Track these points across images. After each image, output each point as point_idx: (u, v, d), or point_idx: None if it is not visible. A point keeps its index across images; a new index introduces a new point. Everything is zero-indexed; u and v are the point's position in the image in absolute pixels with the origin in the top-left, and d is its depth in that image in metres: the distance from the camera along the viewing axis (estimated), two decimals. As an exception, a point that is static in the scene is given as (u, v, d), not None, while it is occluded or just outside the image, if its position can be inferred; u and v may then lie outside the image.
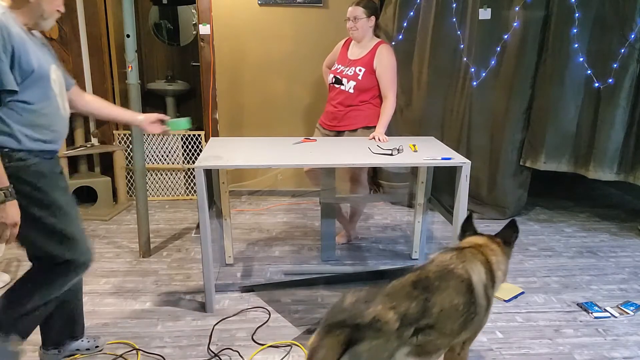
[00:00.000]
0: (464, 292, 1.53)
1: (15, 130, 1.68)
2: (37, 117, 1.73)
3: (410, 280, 1.51)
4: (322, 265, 3.06)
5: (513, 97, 3.61)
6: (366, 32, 2.97)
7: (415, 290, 1.46)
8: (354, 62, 3.00)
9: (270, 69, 4.08)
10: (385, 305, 1.37)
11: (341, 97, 3.01)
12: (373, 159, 2.51)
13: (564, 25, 3.36)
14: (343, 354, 1.26)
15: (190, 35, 5.31)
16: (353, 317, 1.32)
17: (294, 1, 3.92)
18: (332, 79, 3.06)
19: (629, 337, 2.35)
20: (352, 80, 2.96)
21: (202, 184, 2.32)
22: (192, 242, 3.40)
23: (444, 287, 1.50)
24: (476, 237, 1.80)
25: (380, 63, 2.93)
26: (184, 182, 4.32)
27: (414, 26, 3.76)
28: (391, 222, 3.84)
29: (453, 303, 1.50)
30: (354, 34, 2.97)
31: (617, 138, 3.40)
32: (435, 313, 1.45)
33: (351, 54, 3.05)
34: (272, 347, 2.23)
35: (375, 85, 2.97)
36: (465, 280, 1.55)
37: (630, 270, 3.03)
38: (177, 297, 2.66)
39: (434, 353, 1.51)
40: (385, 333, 1.32)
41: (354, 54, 3.03)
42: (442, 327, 1.47)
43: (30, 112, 1.71)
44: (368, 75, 2.94)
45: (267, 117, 4.17)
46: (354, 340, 1.28)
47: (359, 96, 2.97)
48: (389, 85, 2.95)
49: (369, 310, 1.34)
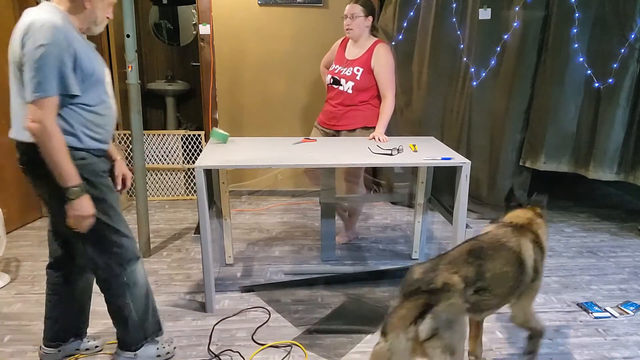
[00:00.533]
0: (513, 263, 1.79)
1: (77, 130, 1.76)
2: (95, 118, 1.80)
3: (466, 249, 1.76)
4: (322, 265, 3.06)
5: (513, 97, 3.61)
6: (363, 31, 2.96)
7: (471, 257, 1.72)
8: (351, 62, 2.99)
9: (270, 68, 4.08)
10: (449, 271, 1.64)
11: (341, 98, 3.01)
12: (373, 159, 2.51)
13: (564, 25, 3.36)
14: (421, 315, 1.51)
15: (190, 35, 5.31)
16: (427, 284, 1.58)
17: (294, 1, 3.92)
18: (330, 80, 3.05)
19: (629, 337, 2.35)
20: (350, 80, 2.95)
21: (202, 184, 2.32)
22: (192, 242, 3.40)
23: (497, 257, 1.77)
24: (523, 212, 2.00)
25: (378, 63, 2.92)
26: (184, 182, 4.32)
27: (414, 26, 3.76)
28: (391, 222, 3.84)
29: (503, 270, 1.76)
30: (350, 32, 2.96)
31: (617, 138, 3.40)
32: (488, 277, 1.72)
33: (348, 54, 3.03)
34: (272, 347, 2.23)
35: (373, 85, 2.97)
36: (516, 253, 1.81)
37: (630, 270, 3.03)
38: (177, 297, 2.66)
39: (485, 310, 1.82)
40: (455, 293, 1.59)
41: (352, 54, 3.02)
42: (493, 289, 1.74)
43: (90, 113, 1.78)
44: (366, 75, 2.94)
45: (267, 117, 4.17)
46: (431, 303, 1.53)
47: (357, 96, 2.97)
48: (388, 84, 2.95)
49: (438, 277, 1.60)
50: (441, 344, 1.52)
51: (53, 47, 1.61)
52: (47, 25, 1.61)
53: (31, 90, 1.62)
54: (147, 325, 2.03)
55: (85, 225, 1.78)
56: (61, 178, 1.70)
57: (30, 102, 1.63)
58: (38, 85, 1.62)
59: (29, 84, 1.63)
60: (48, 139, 1.66)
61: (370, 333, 2.34)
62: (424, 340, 1.51)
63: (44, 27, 1.61)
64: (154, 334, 2.07)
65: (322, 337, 2.31)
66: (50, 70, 1.62)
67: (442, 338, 1.52)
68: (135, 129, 2.97)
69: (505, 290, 1.80)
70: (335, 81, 3.02)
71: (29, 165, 1.79)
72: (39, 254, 3.15)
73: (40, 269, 2.94)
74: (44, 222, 3.71)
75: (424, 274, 1.63)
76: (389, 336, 1.52)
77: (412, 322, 1.51)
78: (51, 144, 1.67)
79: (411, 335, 1.51)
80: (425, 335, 1.51)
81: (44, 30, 1.60)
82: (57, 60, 1.63)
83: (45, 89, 1.62)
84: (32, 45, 1.60)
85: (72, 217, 1.75)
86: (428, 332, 1.51)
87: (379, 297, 2.68)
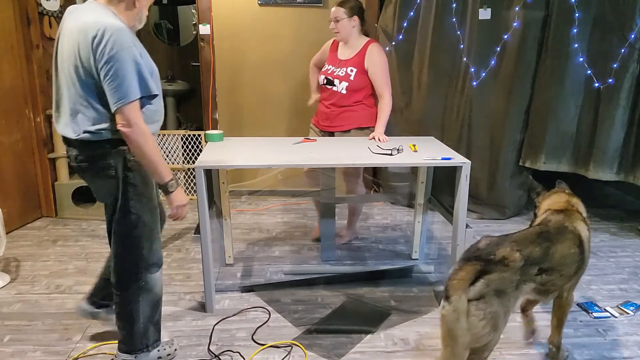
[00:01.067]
0: (576, 245, 1.93)
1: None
2: (153, 115, 1.85)
3: (534, 232, 1.91)
4: (322, 265, 3.06)
5: (513, 97, 3.61)
6: (350, 32, 2.95)
7: (539, 239, 1.85)
8: (344, 63, 2.98)
9: (270, 69, 4.08)
10: (512, 248, 1.74)
11: (334, 98, 3.00)
12: (373, 159, 2.51)
13: (564, 25, 3.36)
14: (477, 279, 1.64)
15: (190, 35, 5.32)
16: (487, 254, 1.71)
17: (293, 1, 3.92)
18: (324, 80, 3.03)
19: (629, 337, 2.35)
20: (344, 80, 2.95)
21: (202, 184, 2.32)
22: (192, 242, 3.40)
23: (563, 239, 1.90)
24: (557, 196, 2.15)
25: (372, 62, 2.92)
26: (184, 182, 4.31)
27: (414, 26, 3.76)
28: (391, 222, 3.84)
29: (570, 252, 1.91)
30: (337, 35, 2.97)
31: (617, 138, 3.40)
32: (557, 258, 1.85)
33: (341, 54, 3.02)
34: (273, 347, 2.23)
35: (367, 85, 2.97)
36: (577, 235, 1.95)
37: (630, 270, 3.03)
38: (177, 297, 2.66)
39: (551, 292, 1.94)
40: (512, 269, 1.70)
41: (344, 54, 3.01)
42: (561, 269, 1.88)
43: (151, 110, 1.83)
44: (360, 75, 2.93)
45: (267, 117, 4.17)
46: (486, 271, 1.66)
47: (352, 97, 2.96)
48: (383, 84, 2.95)
49: (500, 250, 1.72)
50: (485, 308, 1.64)
51: (129, 51, 1.66)
52: (118, 30, 1.66)
53: (119, 97, 1.67)
54: (149, 334, 2.03)
55: (184, 213, 1.92)
56: (160, 175, 1.81)
57: (120, 107, 1.68)
58: (126, 90, 1.67)
59: (115, 91, 1.67)
60: (144, 140, 1.72)
61: (370, 333, 2.34)
62: (471, 300, 1.63)
63: (117, 32, 1.65)
64: (154, 343, 2.07)
65: (322, 337, 2.31)
66: (131, 74, 1.68)
67: (488, 304, 1.65)
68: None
69: (572, 271, 1.94)
70: (329, 81, 3.00)
71: (89, 163, 1.83)
72: (39, 254, 3.16)
73: (40, 269, 2.96)
74: (44, 222, 3.71)
75: (488, 245, 1.76)
76: (452, 298, 1.63)
77: (471, 284, 1.64)
78: (147, 145, 1.74)
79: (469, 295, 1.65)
80: (473, 295, 1.63)
81: (118, 36, 1.65)
82: (134, 64, 1.68)
83: (132, 93, 1.68)
84: (110, 52, 1.63)
85: (174, 208, 1.90)
86: (477, 293, 1.63)
87: (379, 297, 2.68)
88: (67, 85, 1.76)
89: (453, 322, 1.63)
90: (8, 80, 3.40)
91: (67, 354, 2.17)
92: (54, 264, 3.03)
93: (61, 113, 1.82)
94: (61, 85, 1.79)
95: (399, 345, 2.26)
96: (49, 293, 2.69)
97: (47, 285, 2.77)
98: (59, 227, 3.62)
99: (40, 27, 3.55)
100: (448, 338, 1.67)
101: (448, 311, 1.63)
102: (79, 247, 3.27)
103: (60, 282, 2.80)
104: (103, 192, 1.90)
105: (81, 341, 2.26)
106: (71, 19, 1.74)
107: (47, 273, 2.91)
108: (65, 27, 1.75)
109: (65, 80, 1.76)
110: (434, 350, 2.22)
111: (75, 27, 1.70)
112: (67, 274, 2.91)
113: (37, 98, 3.59)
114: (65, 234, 3.50)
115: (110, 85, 1.67)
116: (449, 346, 1.68)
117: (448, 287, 1.65)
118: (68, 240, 3.39)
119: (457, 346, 1.66)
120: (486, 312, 1.64)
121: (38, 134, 3.66)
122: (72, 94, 1.76)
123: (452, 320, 1.63)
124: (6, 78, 3.39)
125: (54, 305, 2.56)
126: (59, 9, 3.68)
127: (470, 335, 1.65)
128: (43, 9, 3.55)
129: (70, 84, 1.75)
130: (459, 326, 1.63)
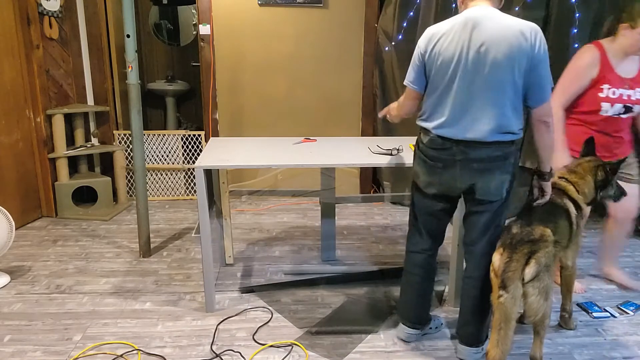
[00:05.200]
0: (566, 219, 2.11)
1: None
2: None
3: (545, 209, 2.05)
4: (322, 265, 3.06)
5: (513, 97, 3.61)
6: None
7: (550, 216, 2.04)
8: (632, 81, 2.46)
9: (270, 69, 4.08)
10: (542, 225, 1.95)
11: (624, 125, 2.54)
12: (373, 159, 2.51)
13: (564, 25, 3.36)
14: (527, 262, 1.85)
15: (190, 35, 5.32)
16: (528, 236, 1.90)
17: (294, 1, 3.92)
18: (622, 109, 2.46)
19: (629, 337, 2.35)
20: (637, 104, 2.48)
21: (202, 184, 2.32)
22: (192, 242, 3.40)
23: (560, 215, 2.09)
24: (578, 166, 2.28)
25: None
26: (184, 182, 4.32)
27: (413, 26, 3.76)
28: (391, 222, 3.84)
29: (565, 225, 2.10)
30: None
31: (617, 138, 3.40)
32: (560, 231, 2.04)
33: (622, 72, 2.44)
34: (273, 347, 2.23)
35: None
36: (565, 210, 2.12)
37: (630, 270, 3.03)
38: (177, 297, 2.66)
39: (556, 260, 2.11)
40: (550, 243, 1.92)
41: (625, 71, 2.44)
42: (561, 241, 2.06)
43: None
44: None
45: (267, 117, 4.18)
46: (533, 251, 1.86)
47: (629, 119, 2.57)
48: None
49: (535, 230, 1.92)
50: (539, 284, 1.87)
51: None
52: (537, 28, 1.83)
53: (549, 90, 1.86)
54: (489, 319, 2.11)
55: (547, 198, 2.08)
56: (549, 163, 1.98)
57: (548, 100, 1.87)
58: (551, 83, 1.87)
59: (547, 84, 1.85)
60: (553, 129, 1.92)
61: (370, 333, 2.34)
62: (526, 282, 1.85)
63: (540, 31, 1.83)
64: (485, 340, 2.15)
65: (322, 337, 2.31)
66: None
67: (541, 280, 1.87)
68: (135, 129, 2.96)
69: (566, 242, 2.12)
70: (628, 109, 2.48)
71: (503, 161, 1.95)
72: (39, 254, 3.16)
73: (40, 269, 2.96)
74: (44, 222, 3.71)
75: (521, 228, 1.93)
76: (509, 287, 1.85)
77: (523, 269, 1.85)
78: (553, 134, 1.93)
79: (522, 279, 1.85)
80: (530, 277, 1.84)
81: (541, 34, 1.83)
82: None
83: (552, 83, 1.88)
84: (544, 49, 1.81)
85: (545, 194, 2.06)
86: (533, 274, 1.84)
87: (379, 297, 2.68)
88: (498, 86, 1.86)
89: (511, 307, 1.86)
90: (8, 80, 3.40)
91: (67, 354, 2.17)
92: (54, 264, 3.03)
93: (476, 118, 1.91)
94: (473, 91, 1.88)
95: (399, 345, 2.26)
96: (49, 293, 2.69)
97: (47, 285, 2.77)
98: (59, 227, 3.62)
99: (40, 27, 3.56)
100: (503, 322, 1.88)
101: (507, 299, 1.85)
102: (79, 247, 3.28)
103: (60, 282, 2.80)
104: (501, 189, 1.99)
105: (81, 341, 2.26)
106: (498, 22, 1.85)
107: (47, 273, 2.91)
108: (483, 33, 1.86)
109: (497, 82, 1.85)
110: (434, 350, 2.22)
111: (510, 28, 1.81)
112: (67, 274, 2.91)
113: (37, 98, 3.60)
114: (65, 234, 3.50)
115: (543, 80, 1.84)
116: (502, 329, 1.88)
117: (505, 279, 1.85)
118: (68, 240, 3.39)
119: (510, 328, 1.88)
120: (540, 288, 1.87)
121: (38, 134, 3.66)
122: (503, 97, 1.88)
123: (510, 307, 1.85)
124: (6, 78, 3.39)
125: (54, 305, 2.56)
126: (59, 9, 3.68)
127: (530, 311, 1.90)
128: (43, 9, 3.55)
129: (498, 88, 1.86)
130: (515, 310, 1.87)
